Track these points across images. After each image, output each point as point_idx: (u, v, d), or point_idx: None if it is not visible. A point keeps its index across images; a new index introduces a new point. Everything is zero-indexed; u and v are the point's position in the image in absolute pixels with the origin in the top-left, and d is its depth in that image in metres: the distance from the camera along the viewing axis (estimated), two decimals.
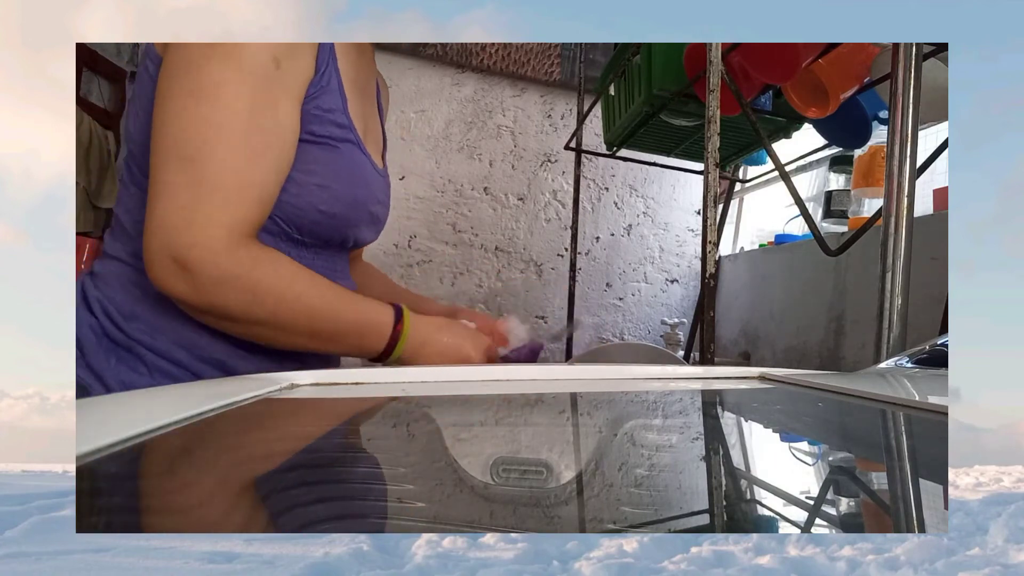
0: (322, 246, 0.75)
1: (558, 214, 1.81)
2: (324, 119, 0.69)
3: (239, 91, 0.61)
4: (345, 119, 0.71)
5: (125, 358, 0.67)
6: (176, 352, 0.67)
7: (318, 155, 0.69)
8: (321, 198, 0.69)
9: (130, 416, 0.32)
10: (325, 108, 0.68)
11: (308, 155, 0.68)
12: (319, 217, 0.70)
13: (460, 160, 1.73)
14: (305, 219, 0.70)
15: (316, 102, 0.68)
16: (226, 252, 0.60)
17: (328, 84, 0.69)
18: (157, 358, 0.67)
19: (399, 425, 0.39)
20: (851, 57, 0.91)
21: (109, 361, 0.67)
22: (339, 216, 0.72)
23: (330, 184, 0.70)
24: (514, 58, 1.73)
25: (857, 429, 0.37)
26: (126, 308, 0.67)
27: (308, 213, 0.69)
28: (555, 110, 1.81)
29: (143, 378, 0.67)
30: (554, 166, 1.80)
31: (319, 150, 0.69)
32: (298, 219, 0.69)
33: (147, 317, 0.67)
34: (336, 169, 0.70)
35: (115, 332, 0.68)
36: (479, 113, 1.75)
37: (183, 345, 0.68)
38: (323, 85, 0.68)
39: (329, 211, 0.70)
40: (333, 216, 0.71)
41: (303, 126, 0.67)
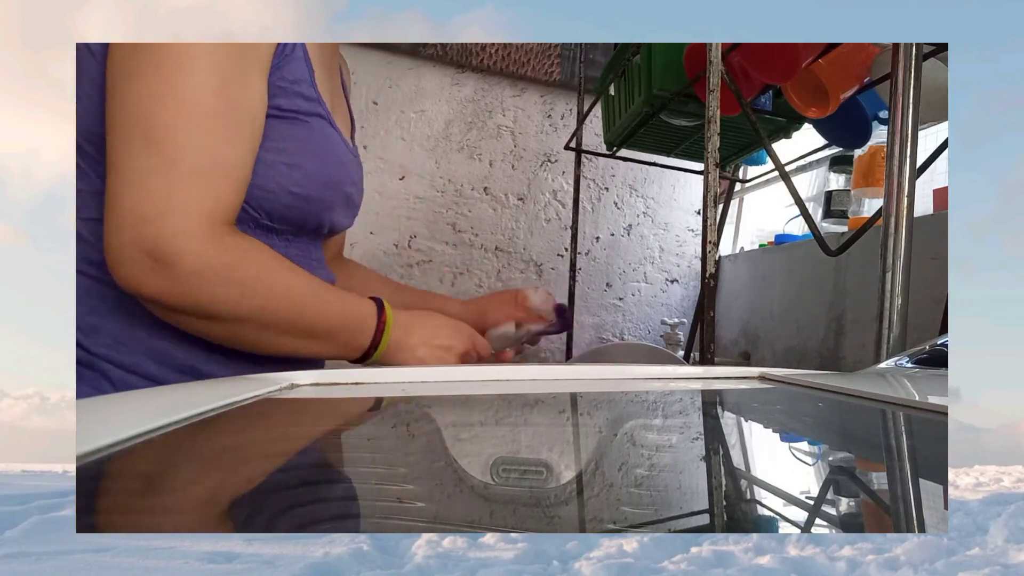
0: (295, 233, 0.68)
1: (558, 214, 1.81)
2: (290, 91, 0.62)
3: (208, 63, 0.54)
4: (312, 91, 0.64)
5: (87, 377, 0.61)
6: (145, 364, 0.62)
7: (286, 131, 0.62)
8: (293, 179, 0.63)
9: (130, 416, 0.32)
10: (291, 79, 0.62)
11: (276, 131, 0.62)
12: (291, 200, 0.64)
13: (460, 160, 1.73)
14: (276, 203, 0.63)
15: (280, 72, 0.61)
16: (210, 242, 0.54)
17: (292, 52, 0.62)
18: (125, 373, 0.61)
19: (399, 425, 0.39)
20: (851, 57, 0.91)
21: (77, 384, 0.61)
22: (313, 198, 0.65)
23: (302, 162, 0.63)
24: (514, 58, 1.73)
25: (857, 429, 0.37)
26: (83, 322, 0.61)
27: (279, 196, 0.63)
28: (555, 110, 1.81)
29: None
30: (554, 166, 1.80)
31: (287, 125, 0.62)
32: (268, 203, 0.63)
33: (108, 329, 0.61)
34: (307, 146, 0.64)
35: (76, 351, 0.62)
36: (479, 113, 1.75)
37: (151, 355, 0.62)
38: (287, 54, 0.61)
39: (302, 193, 0.64)
40: (307, 199, 0.65)
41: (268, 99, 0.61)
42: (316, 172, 0.65)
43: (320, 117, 0.65)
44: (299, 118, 0.63)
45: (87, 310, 0.62)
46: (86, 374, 0.62)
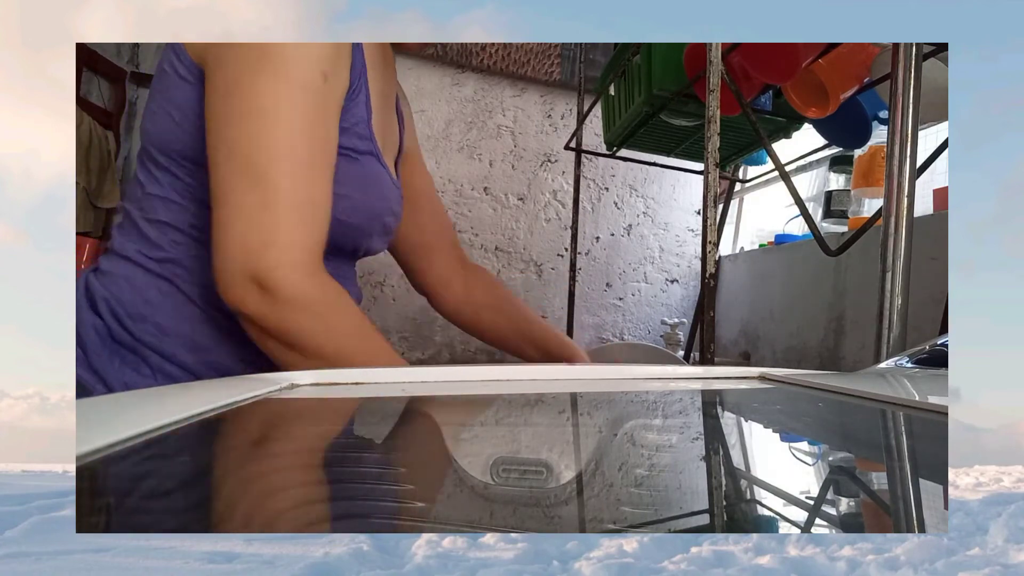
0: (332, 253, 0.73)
1: (558, 214, 1.81)
2: (350, 131, 0.69)
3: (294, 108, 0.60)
4: (367, 131, 0.71)
5: (129, 360, 0.67)
6: (182, 355, 0.67)
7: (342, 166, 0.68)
8: (341, 207, 0.68)
9: (130, 416, 0.32)
10: (352, 121, 0.69)
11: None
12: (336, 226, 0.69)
13: (460, 160, 1.73)
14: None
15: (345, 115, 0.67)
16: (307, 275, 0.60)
17: (358, 97, 0.69)
18: (163, 361, 0.67)
19: (399, 425, 0.39)
20: (851, 57, 0.91)
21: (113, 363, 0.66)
22: (355, 226, 0.72)
23: (350, 194, 0.69)
24: (514, 58, 1.73)
25: (857, 429, 0.37)
26: (134, 309, 0.66)
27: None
28: (555, 110, 1.81)
29: (146, 380, 0.66)
30: (554, 166, 1.80)
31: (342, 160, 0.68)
32: None
33: (155, 319, 0.66)
34: (356, 180, 0.70)
35: (121, 333, 0.67)
36: (479, 113, 1.75)
37: (190, 348, 0.67)
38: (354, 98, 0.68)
39: (347, 220, 0.70)
40: (350, 226, 0.71)
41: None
42: (362, 204, 0.72)
43: (371, 155, 0.72)
44: (352, 155, 0.70)
45: (140, 299, 0.67)
46: (129, 357, 0.67)
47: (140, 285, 0.67)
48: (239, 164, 0.60)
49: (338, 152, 0.67)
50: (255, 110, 0.60)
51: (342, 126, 0.67)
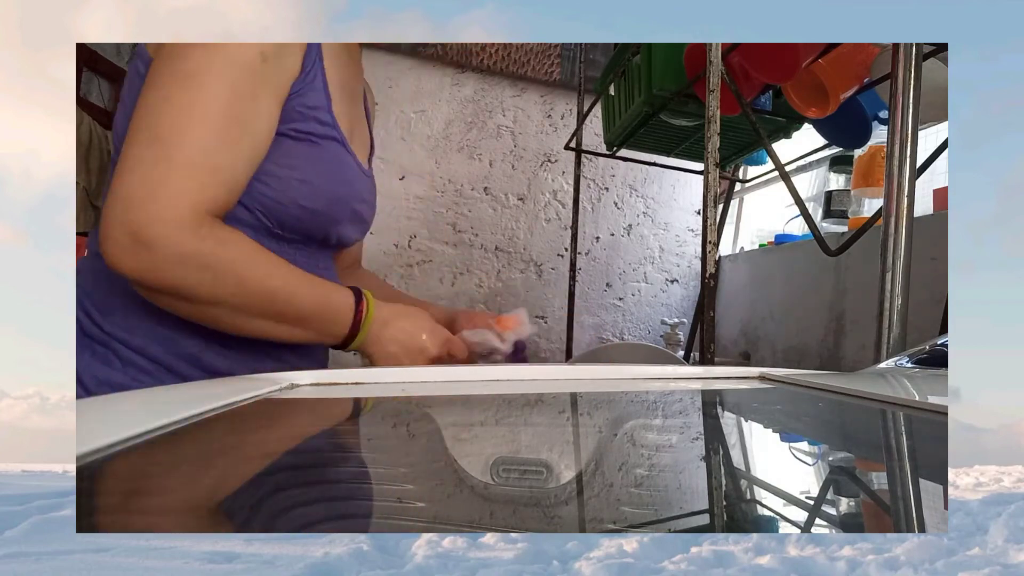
0: (304, 242, 0.75)
1: (558, 214, 1.81)
2: (307, 116, 0.69)
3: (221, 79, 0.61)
4: (328, 117, 0.71)
5: (99, 353, 0.67)
6: (151, 347, 0.67)
7: (300, 150, 0.69)
8: (302, 193, 0.69)
9: (130, 416, 0.32)
10: (309, 106, 0.69)
11: (290, 151, 0.68)
12: (300, 212, 0.70)
13: (460, 160, 1.73)
14: (286, 214, 0.70)
15: (300, 100, 0.68)
16: (189, 229, 0.59)
17: (313, 82, 0.69)
18: (132, 353, 0.67)
19: (399, 425, 0.39)
20: (851, 57, 0.91)
21: (83, 357, 0.67)
22: (320, 212, 0.72)
23: (311, 179, 0.70)
24: (514, 58, 1.73)
25: (857, 429, 0.37)
26: (102, 303, 0.68)
27: (289, 208, 0.69)
28: (555, 110, 1.81)
29: (116, 373, 0.67)
30: (554, 166, 1.80)
31: (301, 146, 0.69)
32: (279, 213, 0.69)
33: (122, 312, 0.67)
34: (317, 165, 0.70)
35: (91, 327, 0.68)
36: (479, 113, 1.75)
37: (157, 340, 0.67)
38: (307, 83, 0.68)
39: (310, 206, 0.70)
40: (314, 212, 0.71)
41: (286, 123, 0.68)
42: (324, 188, 0.71)
43: (334, 140, 0.72)
44: (313, 140, 0.70)
45: (106, 293, 0.68)
46: (99, 351, 0.68)
47: (104, 279, 0.68)
48: (148, 122, 0.60)
49: (297, 136, 0.69)
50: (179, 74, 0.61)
51: (298, 110, 0.68)
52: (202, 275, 0.60)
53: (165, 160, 0.59)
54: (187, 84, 0.61)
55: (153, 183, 0.58)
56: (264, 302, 0.63)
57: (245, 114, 0.63)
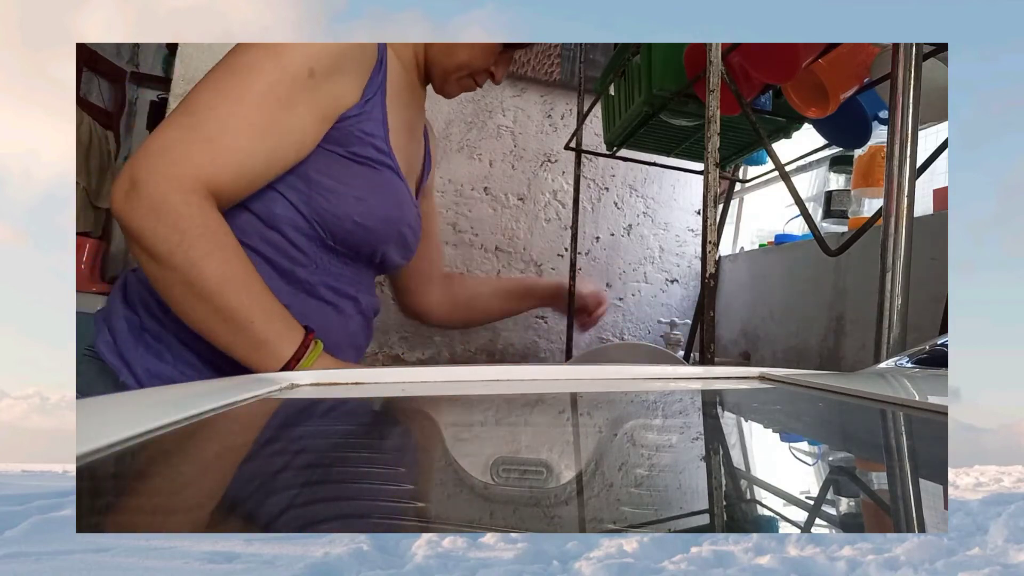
0: (353, 257, 0.80)
1: (558, 214, 1.81)
2: (365, 142, 0.75)
3: (263, 78, 0.66)
4: (384, 146, 0.77)
5: (153, 348, 0.72)
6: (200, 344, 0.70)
7: (359, 172, 0.75)
8: (357, 210, 0.75)
9: (130, 416, 0.32)
10: (367, 133, 0.75)
11: (350, 171, 0.75)
12: (353, 227, 0.76)
13: (460, 160, 1.73)
14: (340, 227, 0.75)
15: (359, 126, 0.74)
16: (180, 190, 0.62)
17: (371, 113, 0.76)
18: (183, 348, 0.72)
19: (399, 425, 0.39)
20: (851, 57, 0.91)
21: (138, 350, 0.72)
22: (371, 229, 0.77)
23: (367, 198, 0.76)
24: (514, 58, 1.73)
25: (857, 429, 0.37)
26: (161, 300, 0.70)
27: (344, 222, 0.75)
28: (555, 110, 1.81)
29: (167, 366, 0.72)
30: (554, 166, 1.80)
31: (360, 168, 0.75)
32: (334, 226, 0.75)
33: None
34: (374, 187, 0.77)
35: (151, 323, 0.73)
36: (479, 113, 1.75)
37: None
38: (366, 112, 0.75)
39: (363, 223, 0.76)
40: (367, 228, 0.77)
41: (346, 145, 0.74)
42: (378, 208, 0.77)
43: (390, 168, 0.78)
44: (371, 164, 0.76)
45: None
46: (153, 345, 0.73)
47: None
48: (190, 98, 0.66)
49: (356, 159, 0.75)
50: (232, 67, 0.67)
51: (356, 135, 0.74)
52: (169, 234, 0.61)
53: (189, 129, 0.64)
54: (232, 75, 0.66)
55: (169, 143, 0.63)
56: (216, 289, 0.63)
57: (277, 115, 0.67)
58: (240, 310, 0.64)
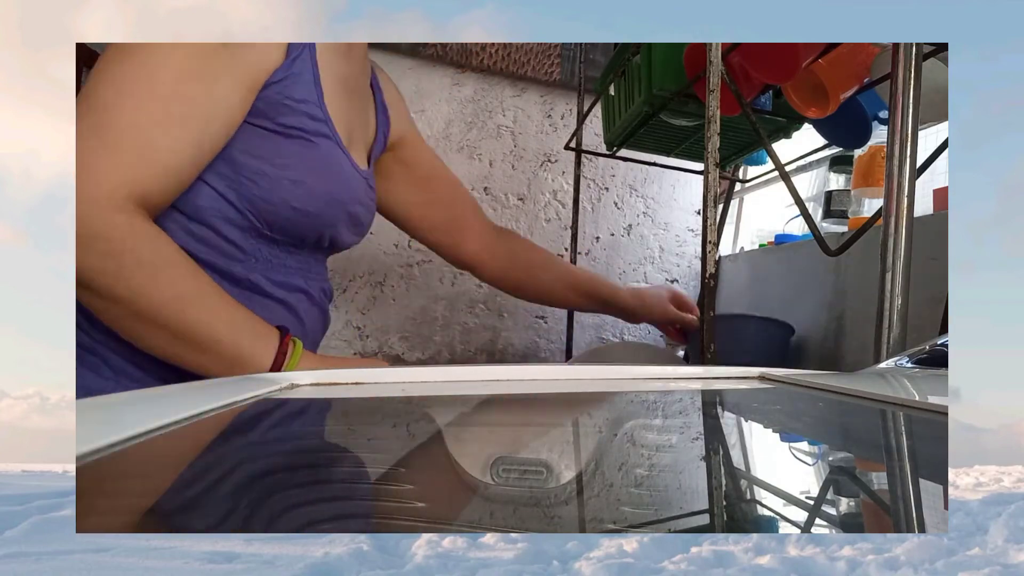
0: (296, 244, 0.71)
1: (558, 214, 1.81)
2: (296, 110, 0.65)
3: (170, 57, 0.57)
4: (320, 112, 0.67)
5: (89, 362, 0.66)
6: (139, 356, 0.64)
7: (292, 148, 0.65)
8: (294, 194, 0.66)
9: (130, 416, 0.32)
10: (297, 98, 0.65)
11: (281, 148, 0.65)
12: (292, 214, 0.67)
13: (460, 160, 1.73)
14: (277, 215, 0.66)
15: (285, 91, 0.64)
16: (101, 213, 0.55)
17: (300, 73, 0.65)
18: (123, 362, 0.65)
19: (399, 425, 0.39)
20: (851, 57, 0.91)
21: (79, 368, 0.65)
22: (313, 214, 0.68)
23: (304, 179, 0.66)
24: (514, 58, 1.73)
25: (857, 429, 0.37)
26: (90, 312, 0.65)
27: (281, 209, 0.66)
28: (555, 110, 1.81)
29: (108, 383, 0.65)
30: (554, 166, 1.80)
31: (293, 143, 0.65)
32: (270, 215, 0.66)
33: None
34: (311, 164, 0.67)
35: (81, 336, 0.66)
36: (479, 113, 1.75)
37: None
38: (293, 73, 0.64)
39: (303, 208, 0.67)
40: (307, 214, 0.68)
41: (272, 117, 0.64)
42: (318, 189, 0.67)
43: (327, 138, 0.68)
44: (305, 137, 0.66)
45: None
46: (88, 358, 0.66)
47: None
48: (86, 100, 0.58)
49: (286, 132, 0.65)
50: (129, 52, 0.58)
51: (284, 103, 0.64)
52: (104, 264, 0.55)
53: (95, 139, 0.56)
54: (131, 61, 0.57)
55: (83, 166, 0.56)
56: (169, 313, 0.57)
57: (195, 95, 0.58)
58: (200, 329, 0.58)
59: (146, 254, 0.56)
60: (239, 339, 0.59)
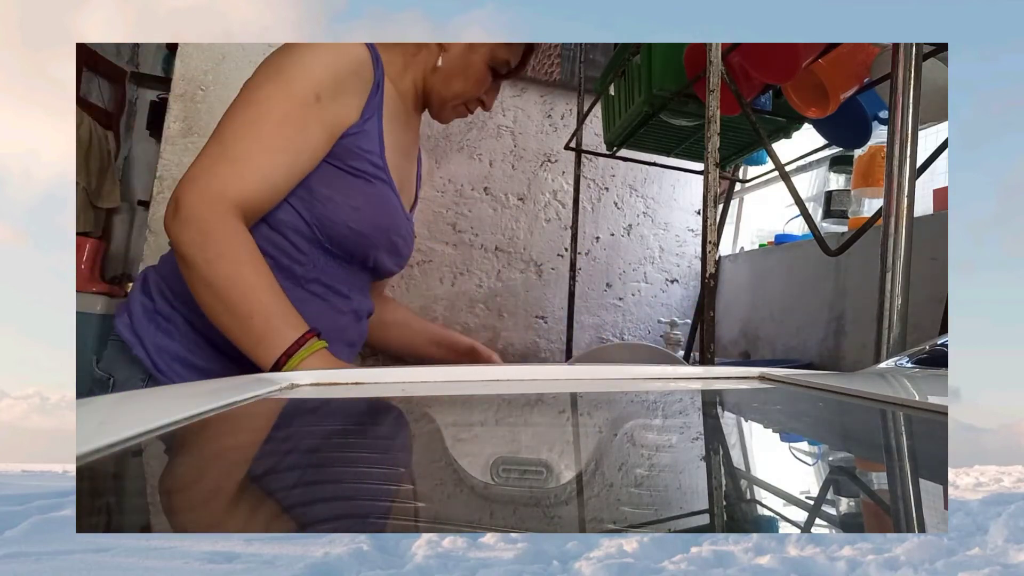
0: (347, 259, 0.89)
1: (558, 214, 1.81)
2: (362, 157, 0.85)
3: (277, 106, 0.78)
4: (380, 161, 0.87)
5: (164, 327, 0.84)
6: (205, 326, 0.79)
7: (355, 183, 0.86)
8: (352, 216, 0.85)
9: (130, 416, 0.32)
10: (364, 149, 0.85)
11: (347, 183, 0.85)
12: (348, 232, 0.86)
13: (460, 160, 1.73)
14: (336, 231, 0.85)
15: (356, 142, 0.84)
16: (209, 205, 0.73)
17: (369, 132, 0.86)
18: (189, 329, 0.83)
19: (399, 425, 0.39)
20: (851, 57, 0.91)
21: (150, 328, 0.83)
22: (364, 235, 0.87)
23: (361, 207, 0.86)
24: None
25: (857, 429, 0.37)
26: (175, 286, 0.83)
27: (339, 227, 0.85)
28: (555, 110, 1.81)
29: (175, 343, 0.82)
30: (554, 166, 1.80)
31: (356, 180, 0.86)
32: (330, 230, 0.85)
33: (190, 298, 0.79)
34: (368, 197, 0.87)
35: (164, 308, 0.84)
36: (479, 113, 1.74)
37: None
38: (364, 130, 0.85)
39: (356, 228, 0.86)
40: (360, 234, 0.87)
41: (344, 159, 0.84)
42: (370, 215, 0.87)
43: (383, 181, 0.88)
44: (366, 177, 0.86)
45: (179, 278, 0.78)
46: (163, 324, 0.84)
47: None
48: (219, 132, 0.78)
49: (353, 172, 0.85)
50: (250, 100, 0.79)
51: (353, 150, 0.84)
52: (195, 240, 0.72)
53: (218, 156, 0.76)
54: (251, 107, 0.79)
55: (204, 168, 0.75)
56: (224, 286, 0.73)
57: (290, 135, 0.79)
58: (242, 306, 0.73)
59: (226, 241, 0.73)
60: (270, 319, 0.73)
